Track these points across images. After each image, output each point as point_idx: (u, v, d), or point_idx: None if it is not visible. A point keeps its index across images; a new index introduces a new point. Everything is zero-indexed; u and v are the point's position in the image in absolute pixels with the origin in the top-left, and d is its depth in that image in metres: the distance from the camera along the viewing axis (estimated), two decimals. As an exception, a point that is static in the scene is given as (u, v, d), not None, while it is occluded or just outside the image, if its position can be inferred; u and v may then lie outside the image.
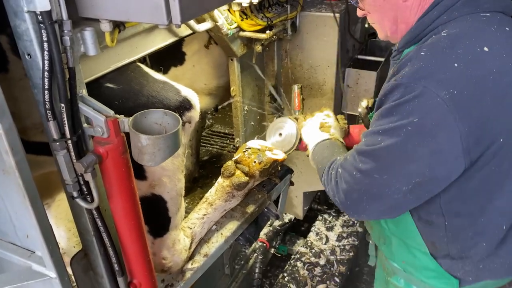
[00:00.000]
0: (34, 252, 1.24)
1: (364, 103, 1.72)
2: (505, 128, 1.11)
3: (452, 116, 1.05)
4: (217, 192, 1.73)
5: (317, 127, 1.66)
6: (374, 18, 1.35)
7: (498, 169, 1.18)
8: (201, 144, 3.55)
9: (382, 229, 1.52)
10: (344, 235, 3.09)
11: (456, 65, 1.07)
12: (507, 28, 1.17)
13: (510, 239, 1.31)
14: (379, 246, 1.62)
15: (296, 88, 1.98)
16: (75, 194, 1.15)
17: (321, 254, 2.94)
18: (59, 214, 2.10)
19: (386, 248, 1.55)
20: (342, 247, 2.99)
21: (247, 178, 1.71)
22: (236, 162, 1.76)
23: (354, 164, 1.25)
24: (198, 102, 1.49)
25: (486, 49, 1.10)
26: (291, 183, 2.00)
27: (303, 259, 2.92)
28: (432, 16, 1.19)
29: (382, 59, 2.62)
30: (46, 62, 0.99)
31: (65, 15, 0.99)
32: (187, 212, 1.71)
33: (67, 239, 2.08)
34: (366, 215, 1.30)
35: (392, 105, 1.13)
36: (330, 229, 3.17)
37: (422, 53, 1.12)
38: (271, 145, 1.82)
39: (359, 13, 1.40)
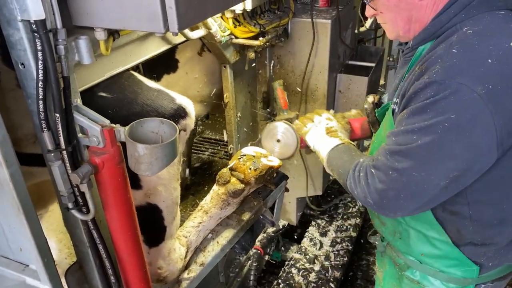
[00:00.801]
0: (28, 266, 1.21)
1: (370, 99, 1.70)
2: None
3: (488, 110, 1.08)
4: (212, 200, 1.72)
5: (324, 133, 1.66)
6: (386, 17, 1.36)
7: None
8: (192, 151, 3.54)
9: (398, 224, 1.52)
10: (338, 240, 3.09)
11: (490, 61, 1.10)
12: None
13: None
14: (393, 242, 1.60)
15: (277, 85, 1.92)
16: (70, 205, 1.12)
17: (315, 260, 2.94)
18: (50, 225, 2.06)
19: (402, 242, 1.55)
20: (336, 252, 2.99)
21: (243, 185, 1.70)
22: (231, 169, 1.75)
23: (388, 163, 1.25)
24: (193, 110, 1.48)
25: None
26: (286, 190, 2.00)
27: (297, 265, 2.91)
28: (450, 14, 1.22)
29: (373, 65, 2.64)
30: (41, 72, 0.97)
31: (59, 24, 0.98)
32: (181, 219, 1.69)
33: (59, 250, 2.04)
34: (401, 212, 1.31)
35: (426, 103, 1.15)
36: (323, 234, 3.17)
37: (454, 51, 1.14)
38: (271, 153, 1.80)
39: (369, 13, 1.40)
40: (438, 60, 1.16)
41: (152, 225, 1.46)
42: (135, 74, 1.49)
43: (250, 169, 1.71)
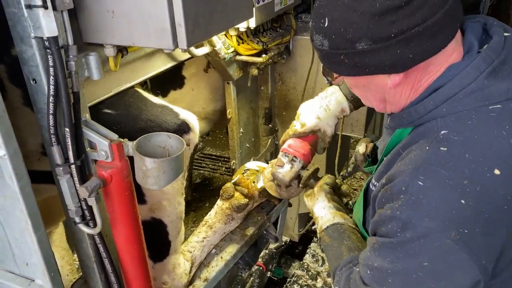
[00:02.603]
0: (33, 281, 1.21)
1: (361, 149, 1.54)
2: None
3: (466, 255, 0.92)
4: (216, 215, 1.72)
5: (323, 199, 1.48)
6: (357, 93, 1.17)
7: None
8: (193, 167, 3.55)
9: None
10: (340, 256, 3.07)
11: (463, 202, 0.90)
12: None
13: None
14: None
15: None
16: (77, 219, 1.13)
17: (317, 277, 2.91)
18: (53, 242, 2.06)
19: None
20: (339, 268, 2.97)
21: (247, 200, 1.70)
22: (235, 184, 1.76)
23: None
24: (197, 125, 1.50)
25: (497, 172, 0.91)
26: (289, 205, 2.00)
27: (300, 281, 2.88)
28: (428, 106, 1.00)
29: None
30: (52, 87, 0.99)
31: (70, 41, 1.00)
32: (186, 237, 1.69)
33: (61, 267, 2.04)
34: None
35: (393, 242, 0.99)
36: (325, 250, 3.15)
37: (421, 183, 0.93)
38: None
39: (336, 80, 1.25)
40: (403, 188, 0.96)
41: (156, 240, 1.46)
42: (140, 91, 1.52)
43: (253, 183, 1.72)
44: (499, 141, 0.92)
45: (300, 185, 1.51)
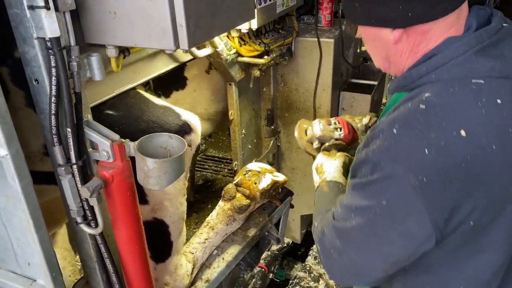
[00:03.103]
0: (35, 281, 1.22)
1: (365, 120, 1.66)
2: (475, 212, 1.04)
3: (421, 202, 1.00)
4: (218, 216, 1.72)
5: (323, 157, 1.59)
6: (367, 48, 1.27)
7: (466, 243, 1.12)
8: (196, 168, 3.55)
9: None
10: (343, 258, 3.06)
11: (427, 151, 0.98)
12: (499, 101, 1.02)
13: None
14: None
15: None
16: (79, 219, 1.14)
17: (320, 278, 2.91)
18: (55, 242, 2.07)
19: None
20: (341, 270, 2.97)
21: (248, 201, 1.70)
22: (237, 185, 1.76)
23: (330, 239, 1.19)
24: (199, 125, 1.50)
25: (463, 133, 0.99)
26: (291, 206, 2.00)
27: (302, 283, 2.88)
28: (421, 71, 1.09)
29: (375, 83, 2.67)
30: (54, 88, 1.00)
31: (73, 41, 1.01)
32: (187, 238, 1.69)
33: (63, 268, 2.03)
34: (355, 284, 1.31)
35: (363, 182, 1.08)
36: (328, 252, 3.14)
37: (395, 131, 1.03)
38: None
39: (357, 34, 1.34)
40: (380, 135, 1.06)
41: (158, 241, 1.47)
42: (142, 92, 1.52)
43: (255, 184, 1.72)
44: (473, 110, 1.01)
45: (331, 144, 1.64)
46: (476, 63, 1.04)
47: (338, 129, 1.68)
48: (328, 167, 1.54)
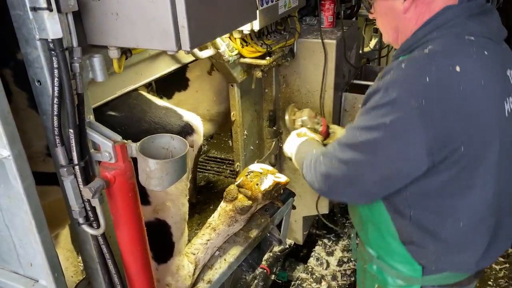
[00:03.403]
0: (37, 281, 1.22)
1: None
2: (465, 141, 1.23)
3: (420, 123, 1.18)
4: (220, 217, 1.72)
5: (294, 137, 1.84)
6: (379, 23, 1.50)
7: (458, 177, 1.30)
8: (198, 169, 3.55)
9: (360, 215, 1.66)
10: (345, 259, 3.06)
11: (427, 79, 1.19)
12: (486, 53, 1.26)
13: (470, 242, 1.42)
14: (358, 232, 1.73)
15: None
16: (81, 220, 1.14)
17: (322, 280, 2.91)
18: (58, 243, 2.07)
19: (363, 234, 1.68)
20: (343, 272, 2.96)
21: (250, 202, 1.70)
22: (239, 186, 1.76)
23: (334, 153, 1.41)
24: (201, 126, 1.51)
25: (458, 69, 1.20)
26: (293, 207, 2.00)
27: (304, 285, 2.88)
28: (425, 31, 1.31)
29: (378, 84, 2.67)
30: (56, 89, 1.00)
31: (75, 43, 1.01)
32: (189, 239, 1.70)
33: (65, 268, 2.05)
34: (341, 198, 1.54)
35: (372, 106, 1.27)
36: (330, 254, 3.14)
37: (402, 65, 1.25)
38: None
39: (371, 15, 1.54)
40: (391, 71, 1.26)
41: (160, 241, 1.47)
42: (144, 93, 1.53)
43: (257, 185, 1.72)
44: (466, 54, 1.25)
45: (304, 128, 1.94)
46: (468, 25, 1.29)
47: (319, 125, 2.01)
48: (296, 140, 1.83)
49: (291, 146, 1.81)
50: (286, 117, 2.32)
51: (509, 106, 1.31)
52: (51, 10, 0.92)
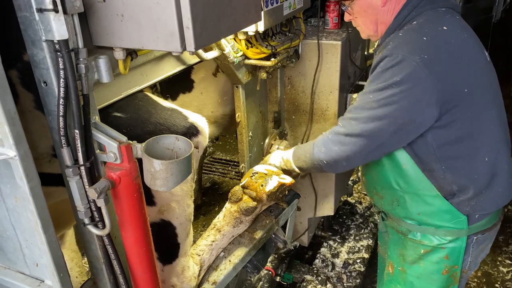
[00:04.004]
0: (43, 281, 1.23)
1: (356, 96, 1.93)
2: (465, 81, 1.51)
3: (424, 73, 1.42)
4: (225, 218, 1.72)
5: (277, 151, 2.04)
6: (359, 21, 1.72)
7: (469, 118, 1.54)
8: (203, 171, 3.56)
9: (395, 192, 1.76)
10: (350, 261, 3.05)
11: (424, 38, 1.49)
12: (457, 17, 1.63)
13: (498, 174, 1.64)
14: (393, 211, 1.83)
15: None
16: (86, 220, 1.14)
17: (327, 282, 2.90)
18: (63, 244, 2.08)
19: (400, 209, 1.78)
20: (349, 273, 2.95)
21: (255, 203, 1.70)
22: (243, 187, 1.76)
23: (350, 115, 1.60)
24: (206, 128, 1.51)
25: (445, 28, 1.52)
26: (298, 208, 2.00)
27: (309, 287, 2.87)
28: (405, 13, 1.59)
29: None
30: (62, 89, 1.01)
31: (81, 44, 1.02)
32: (194, 241, 1.70)
33: (70, 269, 2.05)
34: (357, 157, 1.62)
35: (380, 71, 1.49)
36: (335, 255, 3.13)
37: (400, 34, 1.54)
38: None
39: (347, 17, 1.76)
40: (390, 42, 1.54)
41: (166, 242, 1.47)
42: (150, 94, 1.53)
43: (262, 186, 1.72)
44: (446, 18, 1.58)
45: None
46: (437, 3, 1.60)
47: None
48: (274, 158, 1.95)
49: (278, 155, 1.94)
50: (266, 141, 2.42)
51: (486, 54, 1.63)
52: (57, 12, 0.93)
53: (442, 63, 1.46)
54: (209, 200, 3.35)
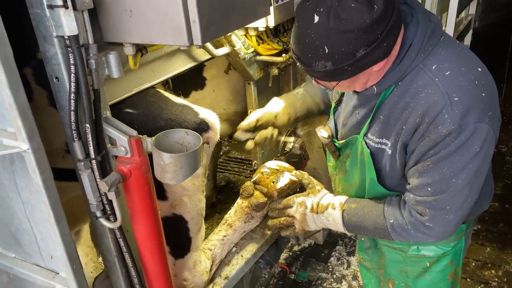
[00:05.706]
0: (58, 273, 1.25)
1: (324, 133, 1.69)
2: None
3: (492, 131, 1.29)
4: (236, 213, 1.73)
5: (314, 215, 1.66)
6: (348, 87, 1.43)
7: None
8: (218, 170, 3.58)
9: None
10: (366, 259, 3.02)
11: (484, 94, 1.28)
12: (457, 43, 1.42)
13: (488, 181, 1.60)
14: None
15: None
16: (98, 213, 1.16)
17: (342, 280, 2.88)
18: (78, 239, 2.12)
19: None
20: (364, 272, 2.92)
21: (265, 199, 1.70)
22: (255, 183, 1.76)
23: (429, 201, 1.39)
24: (217, 123, 1.52)
25: (479, 69, 1.32)
26: (311, 205, 1.98)
27: (324, 284, 2.86)
28: (411, 58, 1.31)
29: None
30: (73, 85, 1.03)
31: (91, 39, 1.04)
32: (206, 236, 1.71)
33: (85, 264, 2.09)
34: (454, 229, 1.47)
35: (450, 150, 1.28)
36: (351, 253, 3.11)
37: (456, 98, 1.26)
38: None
39: (329, 86, 1.42)
40: (443, 110, 1.26)
41: (177, 236, 1.49)
42: (161, 91, 1.55)
43: (273, 182, 1.72)
44: (462, 53, 1.36)
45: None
46: (429, 27, 1.34)
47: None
48: (326, 198, 1.68)
49: (319, 222, 1.68)
50: (282, 138, 2.22)
51: None
52: (67, 8, 0.95)
53: (495, 109, 1.33)
54: (224, 198, 3.37)
